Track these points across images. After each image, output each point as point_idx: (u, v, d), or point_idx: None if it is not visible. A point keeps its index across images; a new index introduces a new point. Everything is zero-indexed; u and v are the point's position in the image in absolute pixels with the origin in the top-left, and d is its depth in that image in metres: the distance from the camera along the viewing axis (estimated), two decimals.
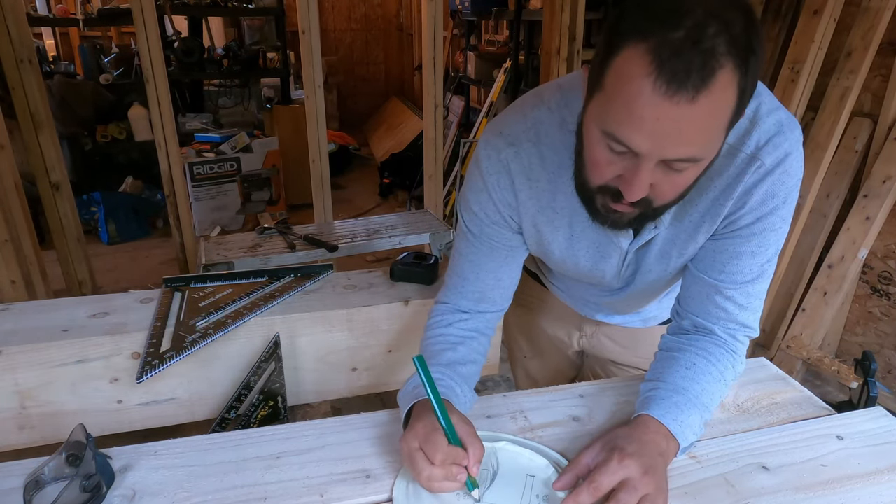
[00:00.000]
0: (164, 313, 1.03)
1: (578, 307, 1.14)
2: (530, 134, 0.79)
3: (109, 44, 4.83)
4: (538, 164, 0.80)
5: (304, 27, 2.45)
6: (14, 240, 2.14)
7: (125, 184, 4.08)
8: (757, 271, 0.80)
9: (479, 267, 0.90)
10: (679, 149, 0.60)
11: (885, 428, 0.86)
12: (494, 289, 0.91)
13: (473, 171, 0.85)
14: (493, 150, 0.82)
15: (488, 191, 0.83)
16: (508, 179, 0.82)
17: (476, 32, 4.91)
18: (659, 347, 0.88)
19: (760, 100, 0.74)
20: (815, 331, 2.39)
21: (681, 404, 0.76)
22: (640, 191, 0.64)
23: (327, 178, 2.72)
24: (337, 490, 0.73)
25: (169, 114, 2.44)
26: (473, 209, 0.86)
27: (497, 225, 0.86)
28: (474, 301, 0.92)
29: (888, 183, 2.24)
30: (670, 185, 0.65)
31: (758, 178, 0.74)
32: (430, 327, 0.92)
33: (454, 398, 0.80)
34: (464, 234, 0.90)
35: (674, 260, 0.84)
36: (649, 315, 1.12)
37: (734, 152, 0.74)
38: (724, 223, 0.78)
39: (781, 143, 0.73)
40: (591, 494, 0.67)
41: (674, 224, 0.80)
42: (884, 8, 2.20)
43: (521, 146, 0.80)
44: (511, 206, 0.84)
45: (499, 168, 0.81)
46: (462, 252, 0.91)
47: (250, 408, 1.00)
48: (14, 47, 2.32)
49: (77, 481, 0.68)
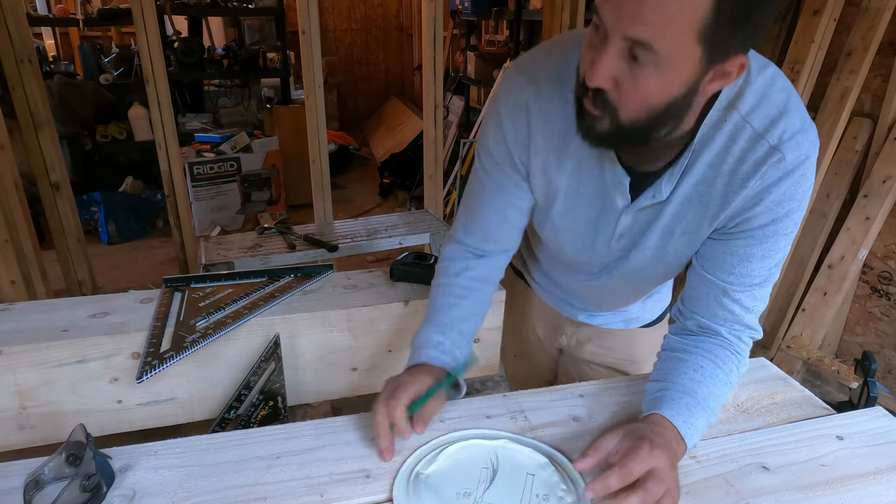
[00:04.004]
0: (164, 313, 1.03)
1: (560, 306, 1.14)
2: (552, 74, 0.78)
3: (109, 44, 4.83)
4: (558, 106, 0.79)
5: (304, 27, 2.45)
6: (14, 240, 2.14)
7: (125, 184, 4.08)
8: (765, 275, 0.80)
9: (486, 206, 0.90)
10: (637, 26, 0.60)
11: (885, 428, 0.86)
12: (499, 228, 0.91)
13: (492, 107, 0.85)
14: (513, 88, 0.81)
15: (503, 129, 0.83)
16: (525, 119, 0.81)
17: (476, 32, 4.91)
18: (663, 348, 0.88)
19: (791, 94, 0.74)
20: (815, 331, 2.39)
21: (691, 406, 0.76)
22: (601, 72, 0.64)
23: (327, 178, 2.72)
24: (337, 490, 0.73)
25: (169, 114, 2.44)
26: (488, 145, 0.86)
27: (507, 166, 0.86)
28: (480, 238, 0.93)
29: (888, 183, 2.24)
30: (632, 89, 0.64)
31: (778, 175, 0.73)
32: (440, 272, 0.95)
33: (452, 362, 0.87)
34: (476, 171, 0.90)
35: (675, 239, 0.83)
36: (631, 316, 1.12)
37: (743, 125, 0.72)
38: (737, 220, 0.77)
39: (803, 142, 0.72)
40: (622, 479, 0.67)
41: (678, 196, 0.79)
42: (884, 8, 2.20)
43: (542, 86, 0.79)
44: (523, 146, 0.83)
45: (517, 106, 0.81)
46: (472, 188, 0.92)
47: (250, 408, 1.00)
48: (14, 47, 2.31)
49: (77, 481, 0.68)
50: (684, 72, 0.63)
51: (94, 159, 4.09)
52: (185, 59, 4.05)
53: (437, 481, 0.74)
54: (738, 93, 0.72)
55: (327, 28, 6.76)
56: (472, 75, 4.60)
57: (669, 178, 0.77)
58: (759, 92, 0.73)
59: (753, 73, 0.73)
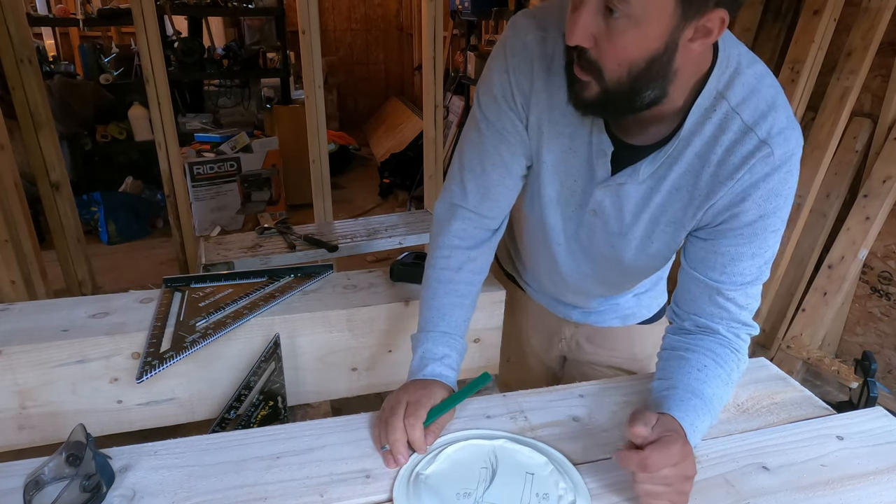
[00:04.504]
0: (164, 313, 1.03)
1: (553, 306, 1.13)
2: (562, 22, 0.74)
3: (109, 44, 4.83)
4: (561, 59, 0.77)
5: (304, 27, 2.45)
6: (14, 240, 2.14)
7: (125, 184, 4.08)
8: (756, 273, 0.80)
9: (487, 159, 0.88)
10: None
11: (885, 428, 0.86)
12: (499, 185, 0.89)
13: (498, 51, 0.83)
14: (520, 31, 0.80)
15: (508, 72, 0.82)
16: (529, 65, 0.80)
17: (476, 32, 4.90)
18: (663, 347, 0.88)
19: (779, 91, 0.75)
20: (815, 331, 2.39)
21: (698, 408, 0.77)
22: (580, 29, 0.65)
23: (327, 178, 2.72)
24: (337, 490, 0.73)
25: (169, 114, 2.44)
26: (494, 91, 0.84)
27: (512, 112, 0.84)
28: (479, 196, 0.90)
29: (888, 183, 2.24)
30: (610, 45, 0.66)
31: (766, 170, 0.73)
32: (439, 258, 0.93)
33: (457, 374, 0.89)
34: (476, 124, 0.88)
35: (660, 229, 0.83)
36: (626, 312, 1.12)
37: (732, 116, 0.73)
38: (725, 216, 0.77)
39: (791, 139, 0.73)
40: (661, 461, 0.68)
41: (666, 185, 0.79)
42: (884, 8, 2.20)
43: (550, 32, 0.78)
44: (524, 93, 0.82)
45: (522, 50, 0.80)
46: (472, 143, 0.89)
47: (250, 408, 1.00)
48: (14, 47, 2.31)
49: (77, 481, 0.68)
50: (659, 24, 0.64)
51: (94, 159, 4.09)
52: (185, 59, 4.05)
53: (437, 481, 0.74)
54: (728, 82, 0.73)
55: (327, 28, 6.75)
56: (472, 75, 4.60)
57: (652, 161, 0.78)
58: (749, 84, 0.73)
59: (744, 66, 0.74)
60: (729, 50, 0.73)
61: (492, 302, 1.14)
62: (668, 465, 0.67)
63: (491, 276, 1.14)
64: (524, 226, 1.00)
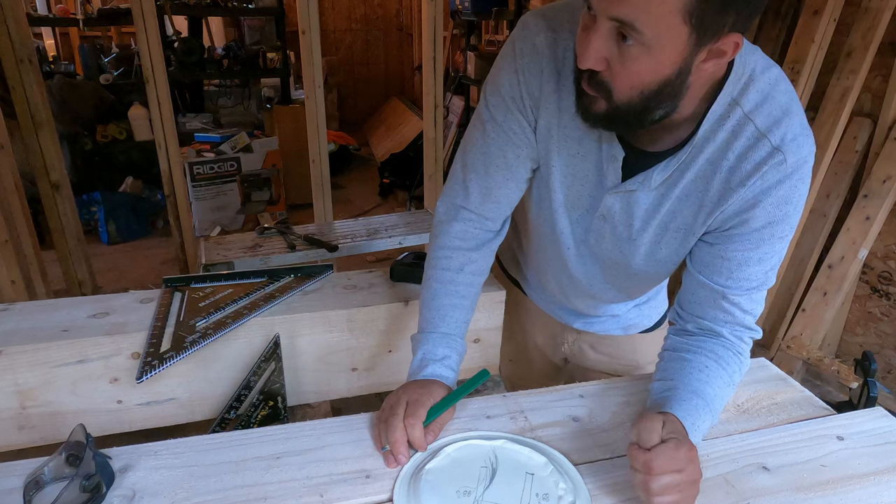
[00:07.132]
0: (164, 313, 1.03)
1: (556, 313, 1.13)
2: (573, 24, 0.74)
3: (109, 44, 4.84)
4: (573, 60, 0.76)
5: (304, 27, 2.45)
6: (14, 240, 2.14)
7: (125, 184, 4.08)
8: (762, 278, 0.80)
9: (491, 161, 0.87)
10: (621, 7, 0.61)
11: (885, 428, 0.86)
12: (502, 187, 0.88)
13: (507, 51, 0.82)
14: (531, 32, 0.79)
15: (518, 73, 0.80)
16: (539, 68, 0.79)
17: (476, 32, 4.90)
18: (665, 348, 0.88)
19: (793, 97, 0.74)
20: (815, 331, 2.39)
21: (700, 408, 0.76)
22: (592, 53, 0.65)
23: (327, 178, 2.72)
24: (337, 490, 0.73)
25: (169, 114, 2.44)
26: (502, 92, 0.83)
27: (520, 113, 0.83)
28: (481, 197, 0.90)
29: (888, 183, 2.24)
30: (623, 69, 0.65)
31: (778, 176, 0.73)
32: (439, 258, 0.92)
33: (456, 375, 0.89)
34: (481, 125, 0.87)
35: (670, 235, 0.83)
36: (628, 322, 1.11)
37: (745, 122, 0.72)
38: (734, 221, 0.77)
39: (804, 146, 0.73)
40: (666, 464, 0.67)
41: (676, 191, 0.78)
42: (884, 8, 2.20)
43: (561, 34, 0.77)
44: (534, 96, 0.81)
45: (533, 51, 0.79)
46: (476, 143, 0.88)
47: (250, 408, 1.00)
48: (14, 47, 2.31)
49: (77, 481, 0.68)
50: (673, 52, 0.63)
51: (94, 159, 4.09)
52: (185, 59, 4.05)
53: (437, 481, 0.74)
54: (743, 89, 0.72)
55: (327, 28, 6.75)
56: (472, 75, 4.60)
57: (664, 168, 0.77)
58: (763, 90, 0.72)
59: (758, 72, 0.73)
60: (745, 58, 0.72)
61: (492, 302, 1.14)
62: (673, 470, 0.67)
63: (491, 277, 1.14)
64: (532, 229, 0.99)
